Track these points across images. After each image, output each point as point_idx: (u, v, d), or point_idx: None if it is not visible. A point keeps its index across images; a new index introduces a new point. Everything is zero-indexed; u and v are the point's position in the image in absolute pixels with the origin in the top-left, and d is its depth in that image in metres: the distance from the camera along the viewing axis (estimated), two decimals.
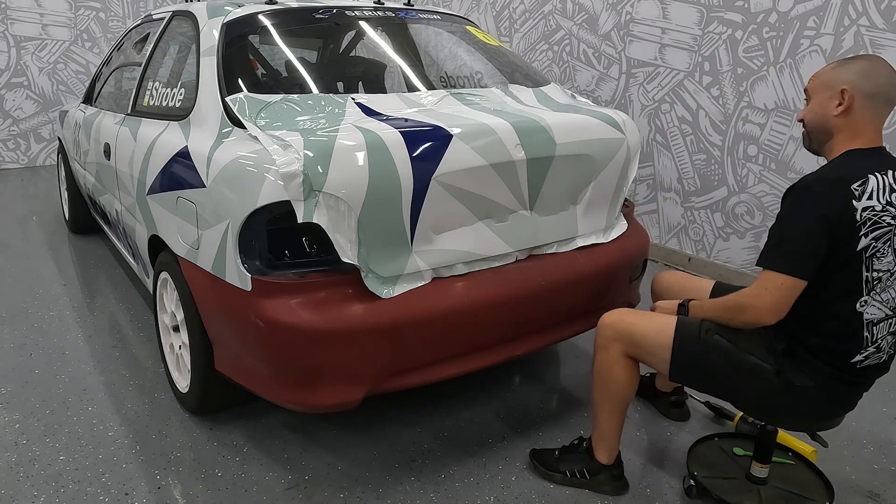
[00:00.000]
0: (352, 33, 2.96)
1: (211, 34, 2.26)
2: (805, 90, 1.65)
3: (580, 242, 2.21)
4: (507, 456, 2.12)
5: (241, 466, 2.05)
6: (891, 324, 1.56)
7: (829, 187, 1.48)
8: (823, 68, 1.63)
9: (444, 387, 2.48)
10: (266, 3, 2.43)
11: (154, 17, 3.09)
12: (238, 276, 1.77)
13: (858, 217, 1.46)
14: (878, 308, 1.52)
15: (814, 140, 1.63)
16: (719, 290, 2.00)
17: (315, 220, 1.68)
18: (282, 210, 1.69)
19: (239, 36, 2.28)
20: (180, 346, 2.30)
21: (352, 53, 3.02)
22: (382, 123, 1.87)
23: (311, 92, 2.19)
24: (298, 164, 1.66)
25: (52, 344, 2.82)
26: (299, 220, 1.68)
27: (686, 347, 1.69)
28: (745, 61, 3.52)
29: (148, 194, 2.36)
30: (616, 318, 1.82)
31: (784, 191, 3.35)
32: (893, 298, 1.54)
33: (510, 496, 1.94)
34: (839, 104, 1.55)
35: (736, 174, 3.64)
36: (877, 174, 1.50)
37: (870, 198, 1.47)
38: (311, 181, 1.67)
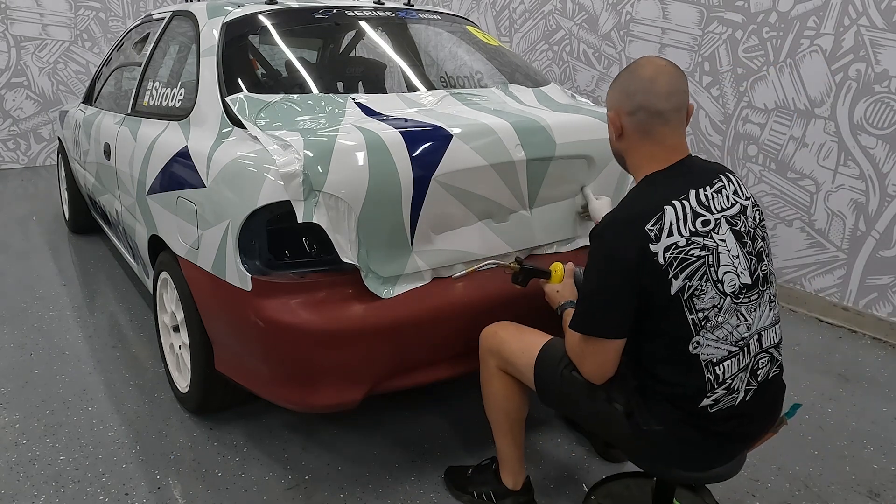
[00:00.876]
0: (352, 33, 2.96)
1: (211, 34, 2.26)
2: None
3: (580, 243, 2.21)
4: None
5: (241, 466, 2.05)
6: (739, 360, 1.36)
7: (621, 232, 1.32)
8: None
9: (445, 387, 2.48)
10: (266, 3, 2.43)
11: (154, 17, 3.09)
12: (238, 276, 1.77)
13: (661, 260, 1.29)
14: (715, 347, 1.33)
15: (619, 163, 1.51)
16: None
17: (315, 220, 1.68)
18: (282, 210, 1.69)
19: (239, 36, 2.28)
20: (180, 346, 2.30)
21: (352, 53, 3.02)
22: (382, 123, 1.87)
23: (311, 92, 2.19)
24: (298, 164, 1.66)
25: (52, 344, 2.82)
26: (299, 220, 1.68)
27: (546, 378, 1.56)
28: (745, 61, 3.52)
29: (148, 194, 2.36)
30: (490, 332, 1.71)
31: (782, 191, 3.35)
32: (731, 333, 1.35)
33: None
34: (612, 128, 1.44)
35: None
36: (675, 202, 1.32)
37: (670, 234, 1.30)
38: (311, 181, 1.67)
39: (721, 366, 1.34)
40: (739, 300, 1.35)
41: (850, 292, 3.21)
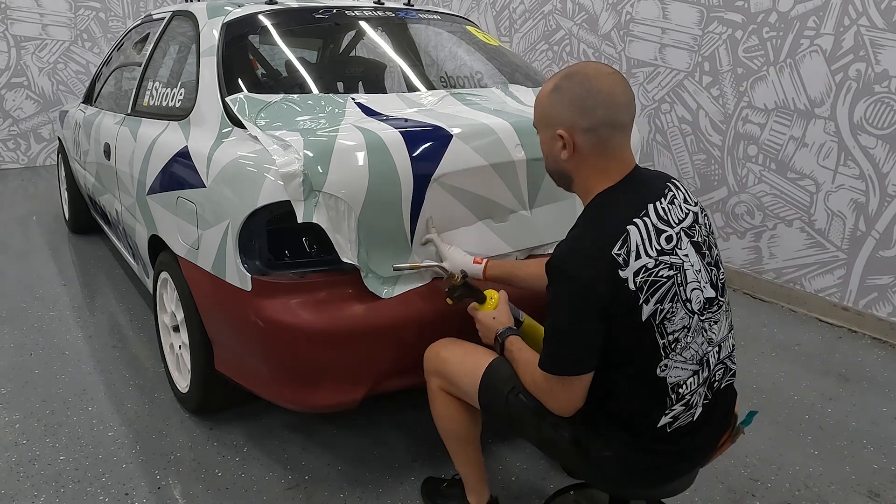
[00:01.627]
0: (352, 33, 2.96)
1: (211, 34, 2.26)
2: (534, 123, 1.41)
3: None
4: (506, 456, 2.12)
5: (241, 466, 2.05)
6: (699, 376, 1.32)
7: (587, 264, 1.21)
8: (540, 93, 1.35)
9: None
10: (266, 3, 2.43)
11: (154, 17, 3.09)
12: (238, 275, 1.77)
13: (632, 286, 1.21)
14: (682, 368, 1.28)
15: (559, 182, 1.41)
16: None
17: (315, 220, 1.68)
18: (282, 210, 1.69)
19: (239, 36, 2.28)
20: (180, 346, 2.30)
21: (352, 53, 3.02)
22: (382, 123, 1.87)
23: (311, 92, 2.19)
24: (298, 164, 1.66)
25: (52, 344, 2.82)
26: (299, 220, 1.68)
27: (492, 402, 1.49)
28: (745, 61, 3.52)
29: (148, 194, 2.36)
30: (433, 353, 1.63)
31: (782, 191, 3.35)
32: (697, 352, 1.30)
33: (510, 496, 1.94)
34: (563, 147, 1.31)
35: (736, 174, 3.64)
36: (636, 220, 1.25)
37: (638, 257, 1.22)
38: (310, 181, 1.67)
39: (684, 385, 1.29)
40: (704, 317, 1.31)
41: (850, 292, 3.21)
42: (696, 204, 1.38)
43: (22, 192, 5.53)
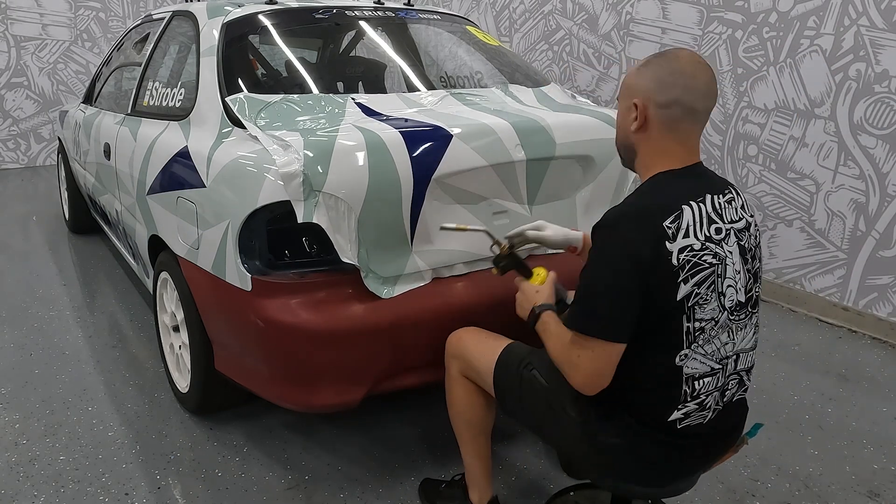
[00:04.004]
0: (352, 33, 2.96)
1: (211, 34, 2.26)
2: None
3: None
4: (507, 456, 2.12)
5: (241, 466, 2.05)
6: (718, 379, 1.31)
7: (636, 226, 1.22)
8: (631, 68, 1.37)
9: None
10: (266, 3, 2.43)
11: (154, 17, 3.09)
12: (238, 276, 1.77)
13: (675, 261, 1.21)
14: (701, 362, 1.27)
15: (624, 157, 1.41)
16: None
17: (315, 221, 1.68)
18: (282, 210, 1.69)
19: (239, 36, 2.28)
20: (180, 346, 2.30)
21: (352, 53, 3.02)
22: (382, 123, 1.87)
23: (311, 92, 2.19)
24: (298, 164, 1.66)
25: (52, 344, 2.82)
26: (299, 221, 1.68)
27: (505, 381, 1.50)
28: (745, 61, 3.52)
29: (148, 194, 2.36)
30: (455, 337, 1.66)
31: (782, 191, 3.34)
32: (719, 350, 1.29)
33: (510, 496, 1.94)
34: (635, 118, 1.32)
35: (736, 174, 3.64)
36: (692, 203, 1.26)
37: (686, 235, 1.22)
38: (310, 181, 1.67)
39: (700, 381, 1.28)
40: (733, 317, 1.30)
41: (850, 292, 3.21)
42: (752, 216, 1.38)
43: (22, 192, 5.53)
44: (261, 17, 2.35)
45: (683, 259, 1.21)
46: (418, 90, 2.31)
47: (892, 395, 2.61)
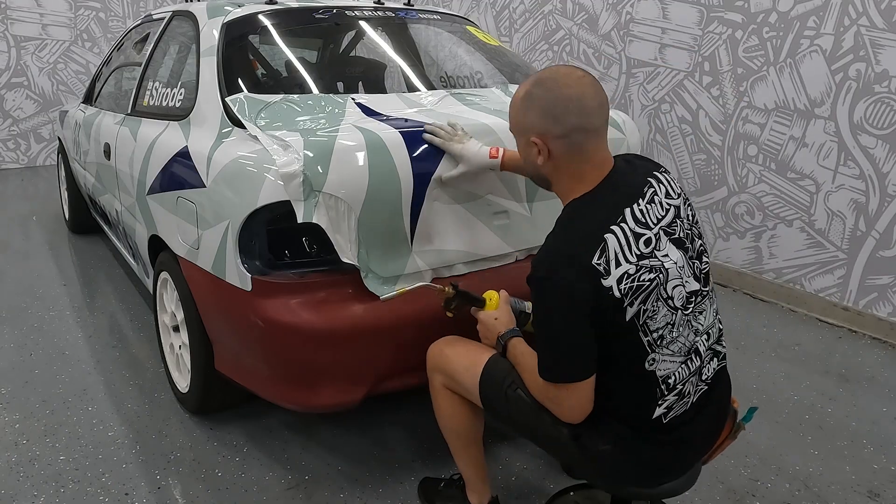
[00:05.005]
0: (352, 33, 2.96)
1: (211, 34, 2.26)
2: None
3: None
4: (507, 456, 2.12)
5: (241, 466, 2.05)
6: (690, 365, 1.33)
7: (568, 271, 1.22)
8: (513, 99, 1.36)
9: None
10: (266, 3, 2.43)
11: (154, 17, 3.09)
12: (238, 276, 1.77)
13: (617, 293, 1.22)
14: (671, 360, 1.30)
15: (539, 184, 1.44)
16: None
17: (315, 221, 1.68)
18: (282, 210, 1.69)
19: (239, 36, 2.28)
20: (180, 346, 2.30)
21: (352, 53, 3.02)
22: (382, 124, 1.87)
23: (311, 92, 2.19)
24: (298, 164, 1.66)
25: (52, 344, 2.82)
26: (299, 221, 1.68)
27: (492, 398, 1.50)
28: (745, 61, 3.52)
29: (148, 194, 2.36)
30: (436, 349, 1.64)
31: (782, 191, 3.35)
32: (684, 344, 1.32)
33: (510, 496, 1.94)
34: (538, 153, 1.32)
35: (736, 174, 3.64)
36: (614, 227, 1.25)
37: (618, 264, 1.23)
38: (310, 181, 1.67)
39: (675, 374, 1.31)
40: (689, 310, 1.32)
41: (850, 292, 3.21)
42: (678, 195, 1.38)
43: (22, 192, 5.53)
44: (261, 17, 2.35)
45: (625, 287, 1.23)
46: (418, 90, 2.31)
47: (892, 395, 2.61)
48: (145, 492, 1.93)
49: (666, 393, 1.30)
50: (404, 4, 2.79)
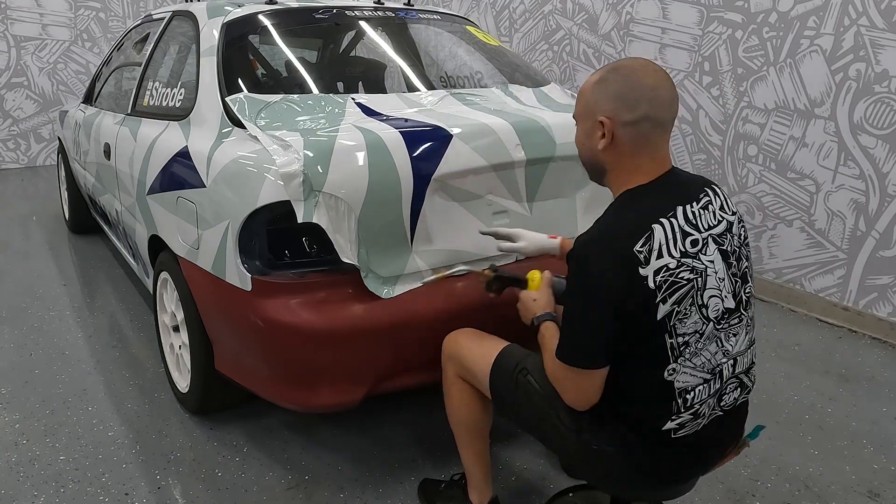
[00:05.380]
0: (352, 33, 2.96)
1: (211, 34, 2.26)
2: (574, 114, 1.39)
3: None
4: (507, 456, 2.12)
5: (241, 466, 2.05)
6: (711, 387, 1.30)
7: (607, 256, 1.20)
8: (585, 84, 1.34)
9: None
10: (266, 3, 2.43)
11: (154, 17, 3.09)
12: (238, 276, 1.77)
13: (652, 284, 1.20)
14: (692, 374, 1.27)
15: (591, 174, 1.40)
16: None
17: (315, 221, 1.68)
18: (282, 210, 1.69)
19: (239, 36, 2.28)
20: (180, 346, 2.30)
21: (352, 53, 3.02)
22: (382, 123, 1.87)
23: (311, 92, 2.19)
24: (298, 164, 1.66)
25: (52, 344, 2.82)
26: (299, 221, 1.68)
27: (501, 385, 1.50)
28: (745, 61, 3.52)
29: (148, 194, 2.36)
30: (451, 339, 1.65)
31: (782, 191, 3.34)
32: (709, 360, 1.28)
33: (510, 497, 1.94)
34: (602, 136, 1.29)
35: (736, 174, 3.64)
36: (663, 220, 1.23)
37: (660, 256, 1.20)
38: (310, 181, 1.67)
39: (692, 392, 1.28)
40: (721, 326, 1.29)
41: (850, 292, 3.21)
42: (733, 213, 1.36)
43: (22, 192, 5.53)
44: (261, 17, 2.35)
45: (660, 280, 1.21)
46: (418, 90, 2.31)
47: (892, 395, 2.61)
48: (145, 492, 1.93)
49: (682, 410, 1.28)
50: (404, 4, 2.79)
